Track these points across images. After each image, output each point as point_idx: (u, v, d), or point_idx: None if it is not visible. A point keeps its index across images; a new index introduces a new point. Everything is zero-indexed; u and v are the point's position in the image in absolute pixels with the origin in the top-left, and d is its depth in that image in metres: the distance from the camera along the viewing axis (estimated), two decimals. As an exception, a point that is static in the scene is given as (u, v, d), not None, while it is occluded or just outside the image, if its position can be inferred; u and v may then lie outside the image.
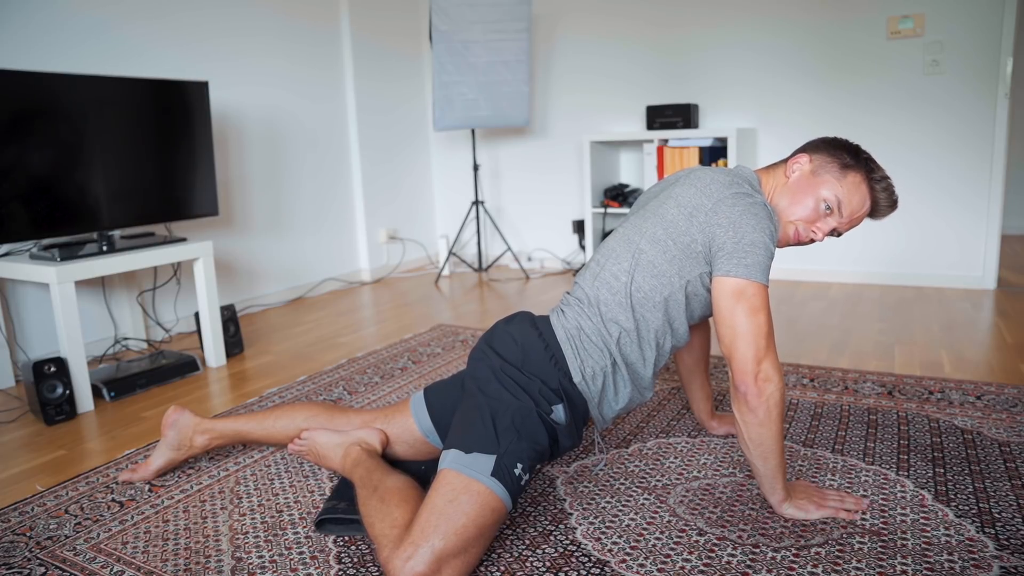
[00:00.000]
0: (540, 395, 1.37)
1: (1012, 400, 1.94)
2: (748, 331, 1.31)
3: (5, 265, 2.33)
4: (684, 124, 3.60)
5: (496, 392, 1.37)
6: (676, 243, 1.40)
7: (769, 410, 1.31)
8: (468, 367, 1.48)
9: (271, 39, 3.56)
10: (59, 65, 2.66)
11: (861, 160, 1.46)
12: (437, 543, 1.16)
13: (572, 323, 1.45)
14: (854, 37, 3.40)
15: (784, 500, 1.39)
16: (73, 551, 1.40)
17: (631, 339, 1.43)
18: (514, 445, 1.30)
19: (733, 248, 1.33)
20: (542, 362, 1.41)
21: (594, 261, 1.52)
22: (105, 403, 2.29)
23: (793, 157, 1.50)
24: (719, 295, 1.34)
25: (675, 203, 1.42)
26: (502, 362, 1.41)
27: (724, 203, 1.36)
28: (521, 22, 3.77)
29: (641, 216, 1.49)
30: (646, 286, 1.41)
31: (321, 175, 3.91)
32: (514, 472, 1.29)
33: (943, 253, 3.38)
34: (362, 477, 1.41)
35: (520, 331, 1.46)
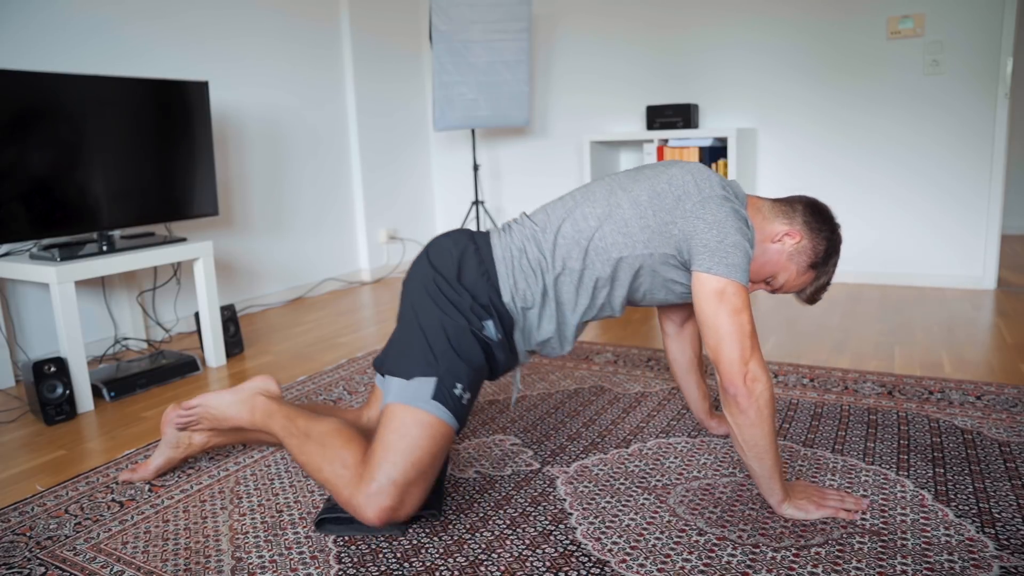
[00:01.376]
0: (471, 311, 1.40)
1: (1012, 400, 1.94)
2: (732, 332, 1.31)
3: (5, 265, 2.33)
4: (684, 124, 3.60)
5: (429, 311, 1.40)
6: (655, 216, 1.41)
7: (760, 410, 1.31)
8: (405, 279, 1.51)
9: (271, 39, 3.56)
10: (59, 65, 2.66)
11: (828, 266, 1.52)
12: (397, 476, 1.27)
13: (516, 244, 1.47)
14: (854, 37, 3.40)
15: (783, 500, 1.38)
16: (73, 551, 1.40)
17: (571, 280, 1.45)
18: (452, 365, 1.36)
19: (716, 246, 1.34)
20: (474, 275, 1.43)
21: (569, 196, 1.52)
22: (105, 403, 2.29)
23: (791, 230, 1.47)
24: (701, 294, 1.35)
25: (667, 180, 1.44)
26: (435, 273, 1.44)
27: (713, 201, 1.38)
28: (521, 22, 3.77)
29: (631, 178, 1.49)
30: (609, 239, 1.43)
31: (321, 175, 3.91)
32: (454, 392, 1.35)
33: (943, 253, 3.38)
34: (284, 427, 1.47)
35: (457, 243, 1.49)
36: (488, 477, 1.63)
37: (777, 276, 1.51)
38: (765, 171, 3.71)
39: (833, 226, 1.51)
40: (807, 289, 1.55)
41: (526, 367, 2.42)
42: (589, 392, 2.16)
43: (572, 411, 2.01)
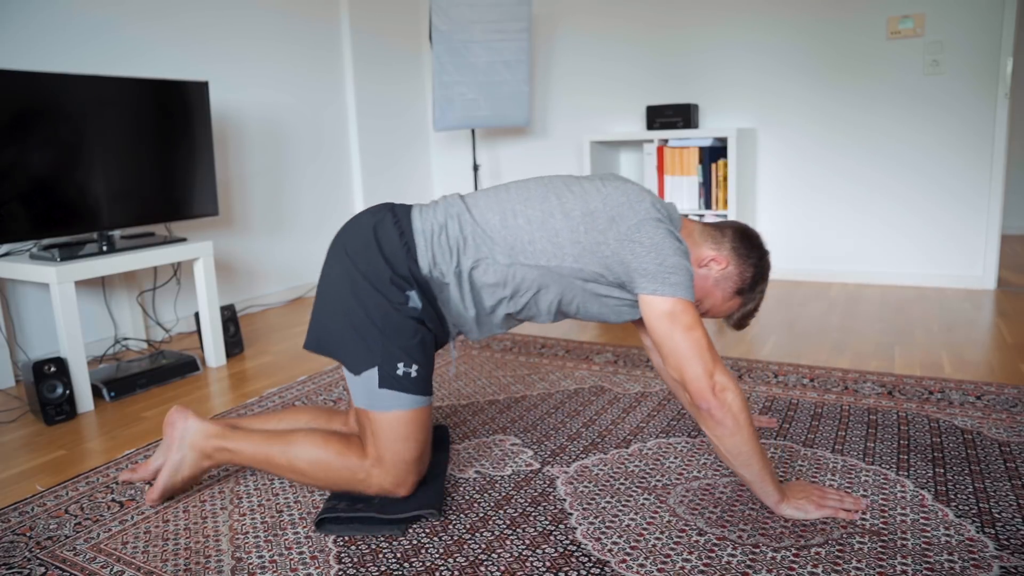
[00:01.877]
0: (392, 284, 1.40)
1: (1012, 400, 1.94)
2: (690, 350, 1.32)
3: (5, 265, 2.33)
4: (684, 124, 3.60)
5: (351, 296, 1.41)
6: (587, 234, 1.40)
7: (735, 417, 1.31)
8: (327, 256, 1.51)
9: (271, 39, 3.56)
10: (59, 65, 2.66)
11: (755, 293, 1.52)
12: (406, 457, 1.41)
13: (439, 219, 1.46)
14: (854, 37, 3.40)
15: (780, 501, 1.38)
16: (73, 551, 1.40)
17: (491, 271, 1.44)
18: (387, 348, 1.38)
19: (657, 269, 1.34)
20: (393, 246, 1.43)
21: (504, 189, 1.51)
22: (105, 403, 2.29)
23: (718, 255, 1.49)
24: (652, 318, 1.35)
25: (602, 198, 1.43)
26: (353, 250, 1.44)
27: (648, 223, 1.38)
28: (521, 22, 3.77)
29: (568, 187, 1.47)
30: (539, 245, 1.42)
31: (321, 175, 3.91)
32: (397, 374, 1.38)
33: (943, 253, 3.38)
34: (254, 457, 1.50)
35: (375, 215, 1.49)
36: (488, 477, 1.63)
37: (703, 301, 1.52)
38: (765, 171, 3.71)
39: (761, 253, 1.52)
40: (734, 315, 1.56)
41: (524, 365, 2.42)
42: (589, 392, 2.16)
43: (572, 411, 2.01)
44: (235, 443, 1.52)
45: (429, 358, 1.44)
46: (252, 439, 1.52)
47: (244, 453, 1.51)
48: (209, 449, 1.53)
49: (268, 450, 1.49)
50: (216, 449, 1.53)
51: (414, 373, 1.40)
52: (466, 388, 2.24)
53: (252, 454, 1.51)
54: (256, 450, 1.50)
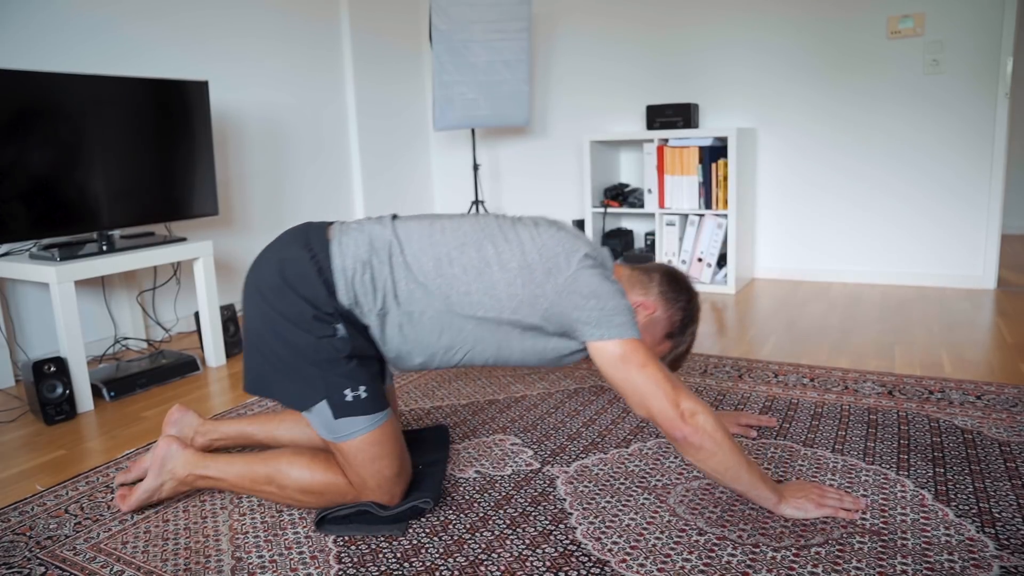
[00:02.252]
0: (315, 321, 1.36)
1: (1012, 400, 1.94)
2: (649, 386, 1.32)
3: (5, 265, 2.33)
4: (684, 124, 3.60)
5: (276, 337, 1.38)
6: (524, 287, 1.37)
7: (712, 436, 1.31)
8: (244, 295, 1.47)
9: (271, 39, 3.56)
10: (59, 65, 2.66)
11: (685, 335, 1.52)
12: (386, 474, 1.40)
13: (362, 255, 1.38)
14: (854, 36, 3.40)
15: (778, 502, 1.38)
16: (73, 551, 1.40)
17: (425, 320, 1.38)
18: (327, 379, 1.36)
19: (599, 315, 1.34)
20: (312, 287, 1.37)
21: (439, 228, 1.44)
22: (105, 403, 2.29)
23: (646, 301, 1.48)
24: (605, 364, 1.35)
25: (537, 249, 1.39)
26: (270, 293, 1.38)
27: (583, 272, 1.37)
28: (521, 22, 3.77)
29: (504, 235, 1.42)
30: (475, 296, 1.37)
31: (321, 175, 3.91)
32: (347, 400, 1.36)
33: (943, 253, 3.38)
34: (238, 484, 1.49)
35: (290, 253, 1.41)
36: (488, 477, 1.63)
37: None
38: (765, 170, 3.71)
39: (690, 295, 1.52)
40: (666, 357, 1.56)
41: (526, 367, 2.42)
42: (589, 392, 2.16)
43: (572, 411, 2.01)
44: (217, 470, 1.51)
45: (373, 376, 1.41)
46: (235, 465, 1.50)
47: (227, 480, 1.50)
48: (189, 479, 1.52)
49: (253, 476, 1.47)
50: (197, 478, 1.52)
51: (363, 395, 1.37)
52: (466, 388, 2.24)
53: (236, 482, 1.49)
54: (240, 477, 1.49)
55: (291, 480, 1.44)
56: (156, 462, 1.52)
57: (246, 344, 1.46)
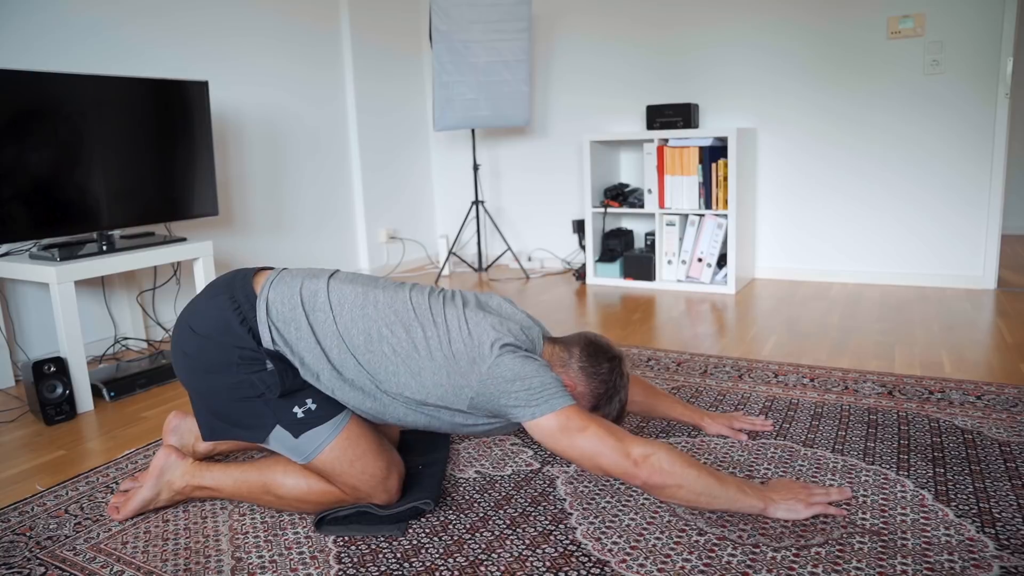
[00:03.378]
0: (242, 361, 1.36)
1: (1012, 400, 1.94)
2: (594, 445, 1.29)
3: (5, 265, 2.33)
4: (684, 124, 3.60)
5: (208, 385, 1.39)
6: (449, 377, 1.35)
7: (671, 472, 1.29)
8: (172, 360, 1.46)
9: (271, 39, 3.56)
10: (59, 65, 2.66)
11: (612, 405, 1.49)
12: (369, 486, 1.41)
13: (288, 314, 1.38)
14: (854, 37, 3.40)
15: (766, 507, 1.37)
16: (73, 551, 1.40)
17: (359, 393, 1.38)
18: (273, 406, 1.37)
19: (528, 396, 1.31)
20: (238, 334, 1.37)
21: (370, 296, 1.42)
22: (105, 403, 2.29)
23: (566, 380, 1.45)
24: (546, 439, 1.32)
25: (463, 338, 1.37)
26: (191, 348, 1.39)
27: (504, 357, 1.34)
28: (521, 22, 3.77)
29: (432, 319, 1.40)
30: (403, 378, 1.36)
31: (321, 175, 3.91)
32: (298, 417, 1.37)
33: (943, 253, 3.38)
34: (236, 493, 1.49)
35: (213, 308, 1.41)
36: (488, 477, 1.63)
37: None
38: (765, 171, 3.71)
39: (611, 364, 1.48)
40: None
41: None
42: (589, 392, 2.15)
43: (572, 411, 2.01)
44: (214, 481, 1.51)
45: (310, 385, 1.40)
46: (231, 474, 1.50)
47: (224, 491, 1.50)
48: (187, 489, 1.52)
49: (249, 487, 1.47)
50: (194, 488, 1.51)
51: (312, 406, 1.37)
52: (466, 388, 2.24)
53: (232, 491, 1.49)
54: (237, 487, 1.49)
55: (287, 489, 1.44)
56: (153, 472, 1.52)
57: (190, 399, 1.46)
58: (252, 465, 1.50)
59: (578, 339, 1.53)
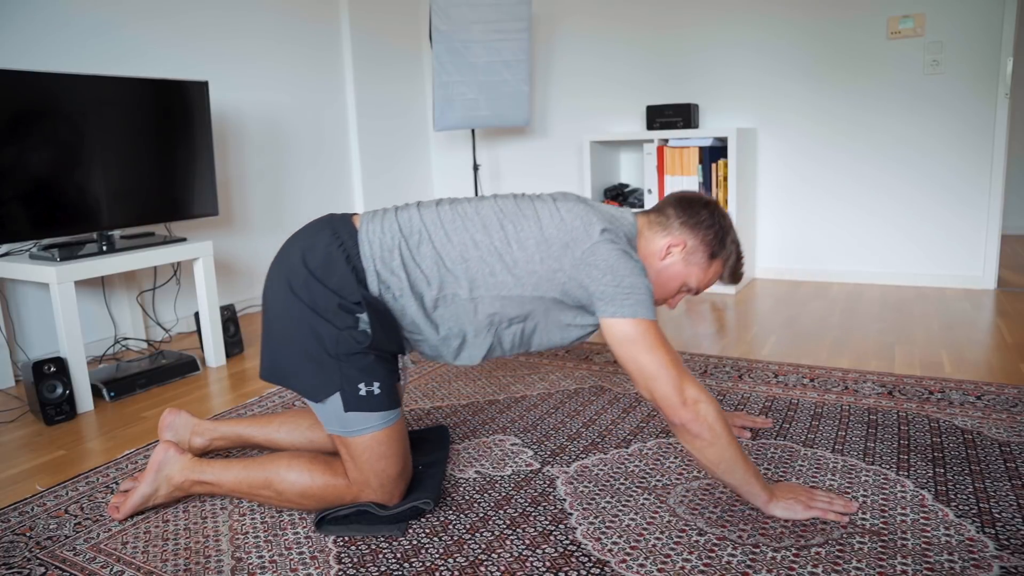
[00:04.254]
0: (340, 310, 1.37)
1: (1012, 400, 1.94)
2: (656, 368, 1.31)
3: (5, 265, 2.33)
4: (684, 124, 3.60)
5: (299, 325, 1.38)
6: (543, 263, 1.38)
7: (712, 427, 1.30)
8: (268, 282, 1.46)
9: (271, 39, 3.56)
10: (59, 65, 2.66)
11: (727, 245, 1.51)
12: (384, 474, 1.41)
13: (389, 241, 1.40)
14: (854, 37, 3.40)
15: (769, 500, 1.38)
16: (73, 551, 1.40)
17: (454, 306, 1.40)
18: (344, 372, 1.36)
19: (615, 292, 1.33)
20: (340, 274, 1.38)
21: (461, 211, 1.45)
22: (105, 403, 2.29)
23: (672, 240, 1.48)
24: (614, 341, 1.34)
25: (557, 224, 1.40)
26: (297, 280, 1.39)
27: (601, 246, 1.36)
28: (521, 22, 3.77)
29: (521, 212, 1.43)
30: (499, 276, 1.39)
31: (321, 175, 3.91)
32: (360, 395, 1.36)
33: (943, 253, 3.38)
34: (236, 489, 1.48)
35: (318, 239, 1.42)
36: (488, 477, 1.63)
37: (688, 282, 1.52)
38: (765, 171, 3.71)
39: (710, 210, 1.50)
40: (724, 274, 1.55)
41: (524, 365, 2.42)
42: (589, 392, 2.16)
43: (572, 411, 2.01)
44: (214, 475, 1.50)
45: (389, 372, 1.41)
46: (232, 469, 1.49)
47: (224, 485, 1.50)
48: (186, 484, 1.51)
49: (250, 481, 1.47)
50: (193, 483, 1.51)
51: (377, 391, 1.37)
52: (466, 388, 2.24)
53: (233, 486, 1.49)
54: (237, 482, 1.48)
55: (289, 484, 1.43)
56: (152, 467, 1.52)
57: (265, 331, 1.46)
58: (254, 460, 1.50)
59: (668, 200, 1.53)
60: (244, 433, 1.71)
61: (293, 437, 1.67)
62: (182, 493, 1.53)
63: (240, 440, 1.73)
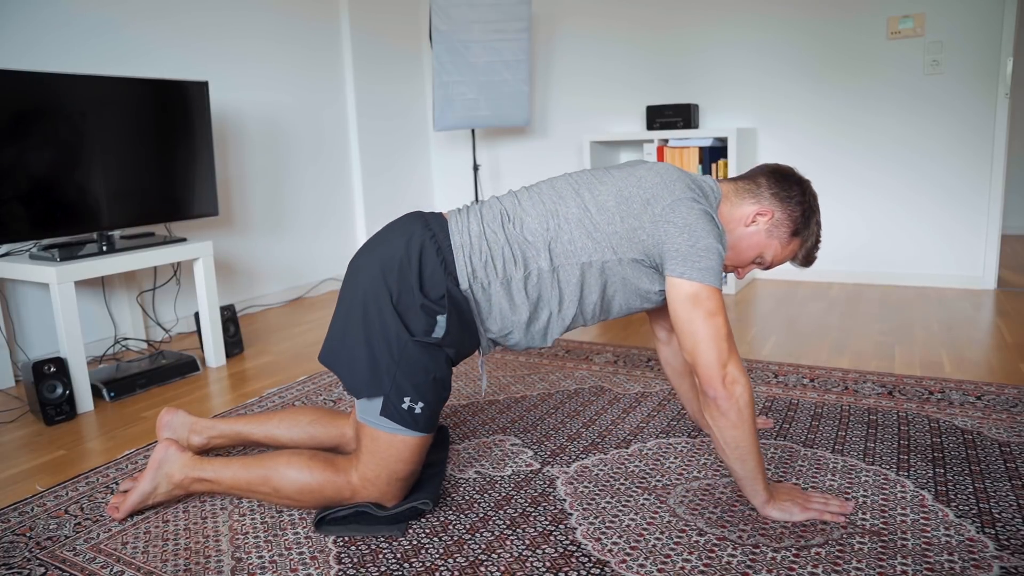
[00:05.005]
0: (422, 311, 1.37)
1: (1012, 400, 1.94)
2: (708, 336, 1.31)
3: (5, 265, 2.33)
4: (684, 124, 3.60)
5: (374, 319, 1.37)
6: (623, 221, 1.38)
7: (740, 411, 1.31)
8: (354, 268, 1.45)
9: (271, 39, 3.56)
10: (59, 65, 2.66)
11: (811, 227, 1.50)
12: (381, 475, 1.40)
13: (475, 228, 1.42)
14: (854, 37, 3.40)
15: (767, 501, 1.38)
16: (73, 551, 1.40)
17: (539, 280, 1.41)
18: (397, 381, 1.36)
19: (688, 251, 1.33)
20: (431, 266, 1.39)
21: (536, 191, 1.48)
22: (105, 403, 2.29)
23: (760, 208, 1.48)
24: (675, 299, 1.34)
25: (636, 183, 1.41)
26: (388, 265, 1.39)
27: (683, 204, 1.36)
28: (521, 22, 3.77)
29: (599, 178, 1.46)
30: (578, 243, 1.39)
31: (321, 175, 3.91)
32: (402, 407, 1.36)
33: (943, 253, 3.38)
34: (235, 485, 1.48)
35: (411, 235, 1.42)
36: (488, 477, 1.63)
37: (764, 255, 1.51)
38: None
39: (802, 187, 1.49)
40: (799, 255, 1.54)
41: (524, 365, 2.42)
42: (589, 392, 2.16)
43: (572, 411, 2.01)
44: (213, 472, 1.50)
45: (439, 398, 1.40)
46: (231, 467, 1.49)
47: (223, 483, 1.49)
48: (185, 481, 1.51)
49: (249, 478, 1.46)
50: (193, 480, 1.51)
51: (419, 410, 1.37)
52: (466, 388, 2.24)
53: (232, 483, 1.48)
54: (236, 479, 1.48)
55: (287, 480, 1.43)
56: (152, 465, 1.52)
57: (338, 313, 1.45)
58: (254, 457, 1.50)
59: (760, 169, 1.53)
60: (243, 431, 1.71)
61: (293, 433, 1.66)
62: (182, 491, 1.53)
63: (239, 438, 1.72)
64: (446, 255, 1.40)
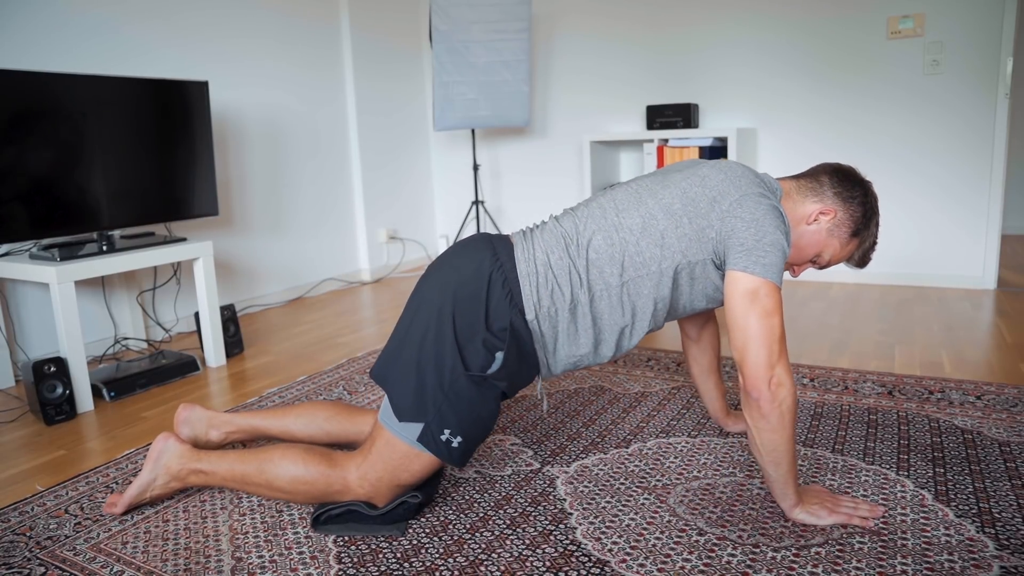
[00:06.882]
0: (483, 345, 1.35)
1: (1012, 400, 1.94)
2: (761, 335, 1.28)
3: (5, 265, 2.33)
4: (684, 124, 3.60)
5: (433, 345, 1.36)
6: (691, 223, 1.37)
7: (782, 415, 1.29)
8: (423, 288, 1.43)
9: (271, 39, 3.56)
10: (59, 65, 2.66)
11: (871, 228, 1.49)
12: (382, 477, 1.39)
13: (540, 255, 1.40)
14: (854, 37, 3.40)
15: (796, 505, 1.37)
16: (73, 551, 1.40)
17: (608, 297, 1.39)
18: (442, 412, 1.34)
19: (753, 244, 1.30)
20: (497, 298, 1.37)
21: (596, 205, 1.45)
22: (105, 403, 2.29)
23: (823, 207, 1.45)
24: (733, 293, 1.31)
25: (700, 183, 1.39)
26: (453, 301, 1.37)
27: (750, 198, 1.34)
28: (521, 22, 3.77)
29: (660, 183, 1.44)
30: (646, 252, 1.38)
31: (321, 175, 3.91)
32: (440, 439, 1.35)
33: (943, 253, 3.38)
34: (230, 477, 1.48)
35: (479, 263, 1.40)
36: (488, 477, 1.63)
37: (822, 254, 1.49)
38: (765, 170, 3.70)
39: (864, 188, 1.48)
40: (855, 255, 1.53)
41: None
42: (589, 392, 2.16)
43: (572, 411, 2.01)
44: (210, 464, 1.50)
45: (480, 436, 1.39)
46: (227, 458, 1.49)
47: (218, 474, 1.49)
48: (183, 472, 1.51)
49: (244, 469, 1.46)
50: (190, 472, 1.51)
51: (456, 443, 1.35)
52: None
53: (227, 475, 1.48)
54: (231, 470, 1.48)
55: (281, 471, 1.42)
56: (151, 457, 1.52)
57: (397, 331, 1.43)
58: (250, 450, 1.50)
59: (823, 168, 1.52)
60: (260, 425, 1.70)
61: (310, 430, 1.66)
62: (179, 483, 1.53)
63: (256, 432, 1.72)
64: (512, 287, 1.38)
